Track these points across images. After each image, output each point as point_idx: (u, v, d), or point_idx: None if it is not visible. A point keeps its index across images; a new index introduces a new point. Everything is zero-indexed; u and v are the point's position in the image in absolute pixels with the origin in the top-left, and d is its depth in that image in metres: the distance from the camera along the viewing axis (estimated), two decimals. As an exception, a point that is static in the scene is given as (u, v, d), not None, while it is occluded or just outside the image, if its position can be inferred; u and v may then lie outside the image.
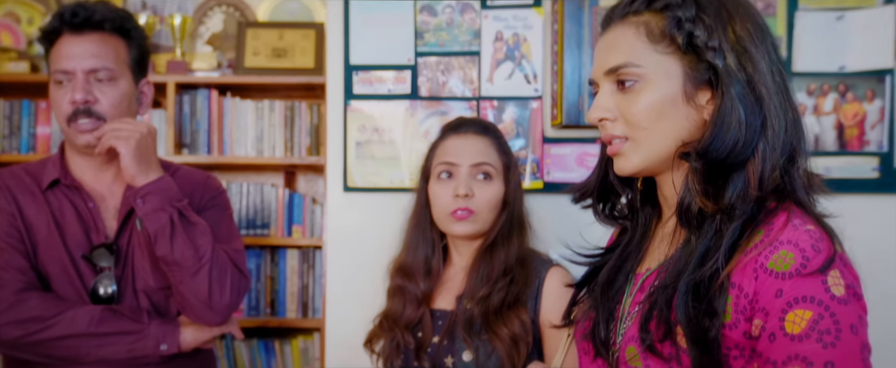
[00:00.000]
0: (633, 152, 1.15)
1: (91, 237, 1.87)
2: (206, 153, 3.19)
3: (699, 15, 1.11)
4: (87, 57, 1.81)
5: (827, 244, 1.04)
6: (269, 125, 3.21)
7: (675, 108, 1.12)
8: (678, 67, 1.12)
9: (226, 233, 1.95)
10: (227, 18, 3.43)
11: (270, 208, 3.23)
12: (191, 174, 2.03)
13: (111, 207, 1.91)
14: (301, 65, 3.21)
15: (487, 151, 1.84)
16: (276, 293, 3.21)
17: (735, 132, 1.07)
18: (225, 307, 1.85)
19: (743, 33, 1.11)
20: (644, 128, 1.13)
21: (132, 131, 1.77)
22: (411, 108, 2.34)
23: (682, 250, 1.12)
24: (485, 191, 1.81)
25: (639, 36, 1.14)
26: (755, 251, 1.05)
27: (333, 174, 2.36)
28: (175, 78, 3.16)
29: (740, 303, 1.04)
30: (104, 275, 1.85)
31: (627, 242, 1.27)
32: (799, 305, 1.00)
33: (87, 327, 1.77)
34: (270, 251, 3.23)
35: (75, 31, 1.82)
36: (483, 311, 1.75)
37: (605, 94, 1.17)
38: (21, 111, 3.25)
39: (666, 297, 1.09)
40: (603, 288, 1.24)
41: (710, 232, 1.09)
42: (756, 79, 1.09)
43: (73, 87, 1.80)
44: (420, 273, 1.87)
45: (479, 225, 1.82)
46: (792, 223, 1.05)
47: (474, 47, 2.35)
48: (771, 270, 1.02)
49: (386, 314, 1.89)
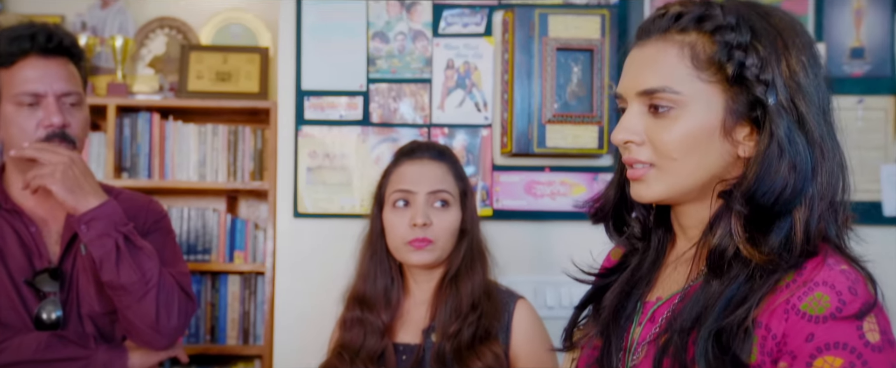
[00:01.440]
0: (656, 181, 1.07)
1: (34, 262, 1.82)
2: (147, 177, 3.13)
3: (753, 43, 1.01)
4: (58, 80, 1.78)
5: (863, 286, 0.98)
6: (212, 149, 3.18)
7: (710, 141, 1.03)
8: (721, 97, 1.03)
9: (171, 256, 1.93)
10: (169, 41, 3.39)
11: (212, 234, 3.19)
12: (133, 198, 2.00)
13: (54, 231, 1.87)
14: (245, 89, 3.18)
15: (444, 177, 1.80)
16: (217, 319, 3.17)
17: (783, 177, 0.99)
18: (172, 331, 1.82)
19: (797, 67, 1.01)
20: (673, 159, 1.04)
21: (55, 165, 1.72)
22: (363, 134, 2.35)
23: (703, 291, 1.03)
24: (443, 219, 1.77)
25: (682, 58, 1.04)
26: (788, 290, 0.98)
27: (284, 200, 2.35)
28: (115, 101, 3.10)
29: (767, 345, 0.97)
30: (48, 301, 1.80)
31: (637, 266, 1.18)
32: (830, 351, 0.93)
33: (33, 354, 1.72)
34: (211, 277, 3.18)
35: (44, 55, 1.78)
36: (455, 347, 1.71)
37: (634, 114, 1.07)
38: (-50, 132, 3.15)
39: (683, 341, 1.01)
40: (611, 315, 1.15)
41: (740, 278, 1.00)
42: (809, 119, 1.00)
43: (46, 110, 1.76)
44: (380, 304, 1.80)
45: (438, 254, 1.77)
46: (827, 263, 0.99)
47: (426, 75, 2.38)
48: (804, 312, 0.96)
49: (343, 346, 1.81)
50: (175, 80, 3.29)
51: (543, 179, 2.37)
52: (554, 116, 2.28)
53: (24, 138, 1.77)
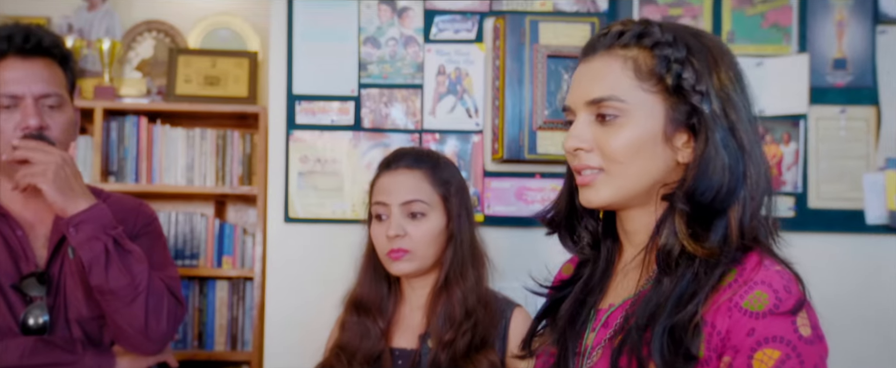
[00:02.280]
0: (604, 185, 1.14)
1: (20, 266, 1.79)
2: (134, 181, 3.12)
3: (688, 57, 1.11)
4: (38, 82, 1.75)
5: (796, 285, 1.07)
6: (200, 154, 3.16)
7: (653, 146, 1.12)
8: (661, 106, 1.12)
9: (160, 260, 1.91)
10: (157, 44, 3.38)
11: (200, 239, 3.17)
12: (122, 201, 1.98)
13: (41, 235, 1.84)
14: (234, 93, 3.17)
15: (418, 186, 1.79)
16: (205, 325, 3.15)
17: (719, 177, 1.08)
18: (162, 336, 1.80)
19: (727, 81, 1.12)
20: (620, 162, 1.12)
21: (47, 164, 1.70)
22: (354, 139, 2.35)
23: (655, 290, 1.11)
24: (418, 228, 1.77)
25: (626, 70, 1.13)
26: (730, 290, 1.06)
27: (274, 204, 2.34)
28: (103, 104, 3.09)
29: (713, 341, 1.05)
30: (35, 305, 1.78)
31: (589, 276, 1.25)
32: (769, 344, 1.02)
33: (19, 359, 1.69)
34: (199, 282, 3.16)
35: (23, 56, 1.76)
36: (450, 356, 1.71)
37: (583, 123, 1.15)
38: (-66, 134, 3.12)
39: (638, 335, 1.08)
40: (567, 323, 1.22)
41: (687, 276, 1.09)
42: (739, 127, 1.10)
43: (23, 112, 1.73)
44: (376, 309, 1.82)
45: (418, 263, 1.77)
46: (764, 264, 1.07)
47: (417, 80, 2.37)
48: (745, 309, 1.04)
49: (341, 347, 1.83)
50: (163, 83, 3.28)
51: (534, 185, 2.37)
52: (545, 122, 2.29)
53: (2, 141, 1.74)
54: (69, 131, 1.82)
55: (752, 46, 2.42)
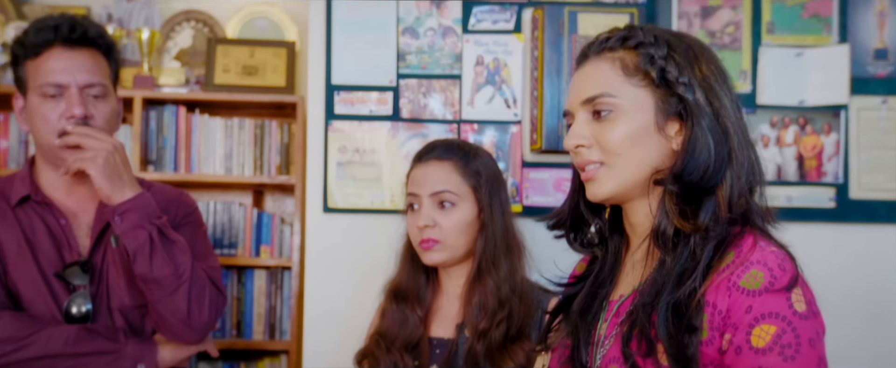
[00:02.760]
0: (606, 178, 1.22)
1: (64, 255, 1.82)
2: (173, 170, 3.13)
3: (670, 54, 1.21)
4: (83, 72, 1.78)
5: (790, 263, 1.13)
6: (239, 143, 3.18)
7: (647, 136, 1.20)
8: (650, 99, 1.21)
9: (202, 250, 1.93)
10: (195, 34, 3.39)
11: (238, 228, 3.18)
12: (164, 191, 2.00)
13: (84, 223, 1.87)
14: (272, 83, 3.18)
15: (447, 177, 1.81)
16: (243, 314, 3.16)
17: (705, 159, 1.16)
18: (204, 325, 1.82)
19: (708, 73, 1.21)
20: (618, 154, 1.20)
21: (98, 151, 1.72)
22: (393, 129, 2.34)
23: (658, 272, 1.19)
24: (447, 218, 1.79)
25: (614, 69, 1.22)
26: (728, 270, 1.13)
27: (313, 195, 2.34)
28: (142, 93, 3.11)
29: (715, 320, 1.12)
30: (78, 294, 1.80)
31: (599, 270, 1.33)
32: (765, 320, 1.09)
33: (62, 347, 1.72)
34: (237, 272, 3.18)
35: (69, 46, 1.78)
36: (486, 346, 1.73)
37: (581, 122, 1.24)
38: (-25, 124, 3.17)
39: (647, 315, 1.15)
40: (579, 315, 1.29)
41: (685, 254, 1.16)
42: (722, 113, 1.18)
43: (68, 101, 1.76)
44: (415, 298, 1.85)
45: (448, 253, 1.80)
46: (759, 245, 1.14)
47: (455, 71, 2.36)
48: (743, 288, 1.11)
49: (381, 334, 1.85)
50: (201, 73, 3.30)
51: (573, 176, 2.36)
52: (584, 113, 2.27)
53: (48, 129, 1.77)
54: (112, 121, 1.85)
55: (792, 36, 2.40)
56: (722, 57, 2.34)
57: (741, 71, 2.37)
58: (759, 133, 2.36)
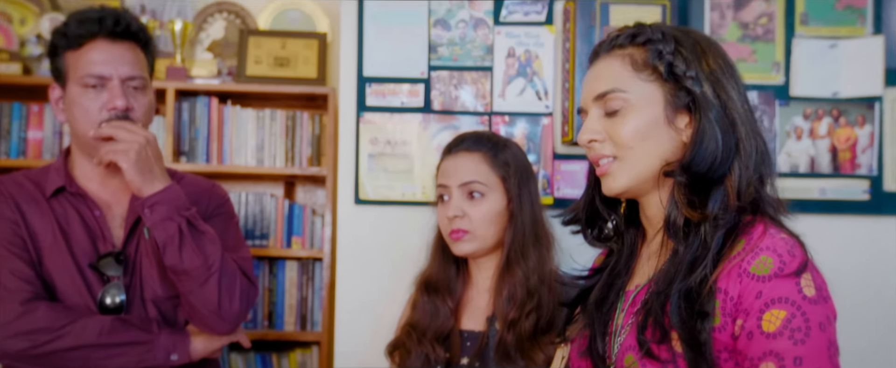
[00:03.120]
0: (620, 172, 1.25)
1: (98, 246, 1.84)
2: (205, 162, 3.15)
3: (677, 49, 1.24)
4: (125, 64, 1.80)
5: (800, 250, 1.15)
6: (270, 135, 3.19)
7: (657, 130, 1.23)
8: (660, 93, 1.24)
9: (233, 241, 1.94)
10: (227, 25, 3.40)
11: (270, 219, 3.20)
12: (196, 182, 2.01)
13: (117, 215, 1.88)
14: (303, 74, 3.18)
15: (476, 168, 1.82)
16: (274, 305, 3.18)
17: (712, 150, 1.19)
18: (235, 316, 1.83)
19: (715, 66, 1.23)
20: (630, 148, 1.24)
21: (130, 143, 1.74)
22: (424, 121, 2.33)
23: (671, 261, 1.21)
24: (477, 209, 1.80)
25: (624, 66, 1.26)
26: (738, 257, 1.15)
27: (344, 186, 2.34)
28: (174, 84, 3.12)
29: (727, 306, 1.14)
30: (112, 285, 1.82)
31: (615, 262, 1.35)
32: (775, 305, 1.11)
33: (97, 337, 1.73)
34: (269, 263, 3.19)
35: (111, 38, 1.80)
36: (516, 337, 1.73)
37: (594, 118, 1.27)
38: (11, 114, 3.20)
39: (660, 303, 1.18)
40: (596, 306, 1.32)
41: (696, 243, 1.19)
42: (729, 106, 1.21)
43: (110, 93, 1.78)
44: (446, 289, 1.86)
45: (478, 243, 1.81)
46: (769, 233, 1.16)
47: (487, 63, 2.35)
48: (753, 274, 1.13)
49: (412, 325, 1.87)
50: (233, 64, 3.31)
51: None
52: (616, 105, 2.25)
53: (88, 120, 1.78)
54: (149, 114, 1.87)
55: (826, 28, 2.36)
56: (755, 49, 2.35)
57: (774, 63, 2.34)
58: (792, 125, 2.33)
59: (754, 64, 2.34)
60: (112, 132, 1.75)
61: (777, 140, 2.34)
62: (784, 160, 2.34)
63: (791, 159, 2.34)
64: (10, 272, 1.75)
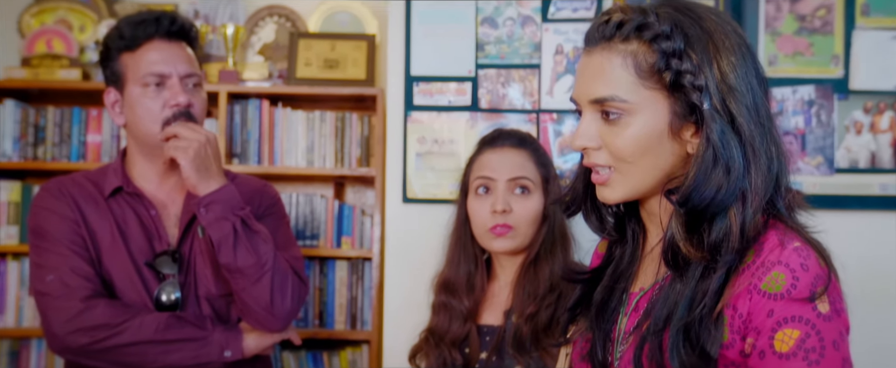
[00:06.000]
0: (617, 184, 1.15)
1: (154, 245, 1.87)
2: (257, 163, 3.19)
3: (687, 50, 1.09)
4: (182, 62, 1.85)
5: (814, 260, 1.06)
6: (320, 136, 3.21)
7: (660, 143, 1.12)
8: (665, 103, 1.11)
9: (284, 240, 1.96)
10: (278, 29, 3.44)
11: (320, 219, 3.22)
12: (248, 182, 2.04)
13: (173, 214, 1.92)
14: (352, 76, 3.20)
15: (524, 164, 1.82)
16: (325, 304, 3.20)
17: (718, 181, 1.07)
18: (286, 314, 1.85)
19: (728, 69, 1.10)
20: (629, 162, 1.13)
21: (191, 141, 1.77)
22: (471, 119, 2.34)
23: (670, 289, 1.13)
24: (523, 206, 1.80)
25: (626, 68, 1.11)
26: (748, 271, 1.08)
27: (392, 185, 2.36)
28: (227, 87, 3.16)
29: (735, 323, 1.07)
30: (168, 282, 1.86)
31: (618, 261, 1.27)
32: (788, 324, 1.04)
33: (153, 334, 1.77)
34: (319, 262, 3.21)
35: (167, 38, 1.84)
36: (532, 329, 1.73)
37: (589, 121, 1.15)
38: (72, 119, 3.27)
39: (657, 340, 1.10)
40: (598, 309, 1.25)
41: (697, 276, 1.10)
42: (740, 121, 1.09)
43: (172, 90, 1.83)
44: (463, 290, 1.86)
45: (519, 240, 1.80)
46: (781, 243, 1.08)
47: (535, 60, 2.35)
48: (764, 291, 1.06)
49: (431, 330, 1.88)
50: (284, 67, 3.34)
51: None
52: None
53: (150, 118, 1.82)
54: (205, 110, 1.92)
55: (888, 18, 2.32)
56: (812, 42, 2.30)
57: (833, 56, 2.30)
58: (851, 119, 2.29)
59: (811, 57, 2.30)
60: (176, 130, 1.79)
61: (835, 135, 2.29)
62: (843, 155, 2.30)
63: (850, 154, 2.30)
64: (71, 269, 1.79)
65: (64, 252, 1.80)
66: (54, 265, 1.80)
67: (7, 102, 3.23)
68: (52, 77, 3.22)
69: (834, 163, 2.30)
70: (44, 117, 3.25)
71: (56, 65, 3.24)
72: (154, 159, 1.88)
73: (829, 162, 2.30)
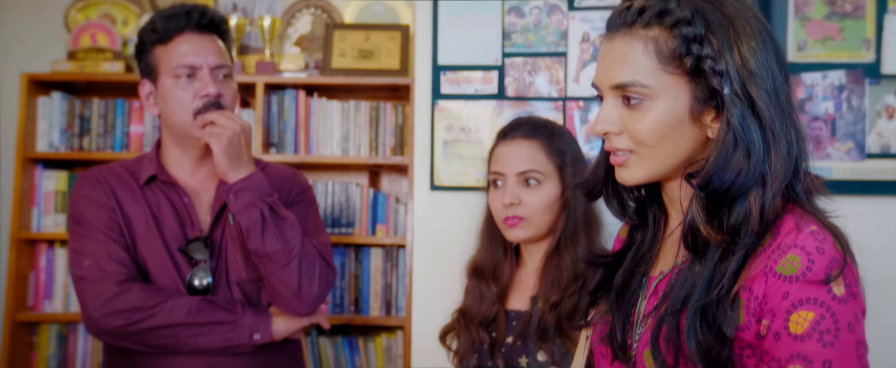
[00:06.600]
0: (637, 167, 1.17)
1: (186, 231, 1.93)
2: (293, 152, 3.25)
3: (708, 35, 1.11)
4: (212, 54, 1.90)
5: (830, 244, 1.07)
6: (355, 125, 3.26)
7: (680, 128, 1.13)
8: (686, 88, 1.12)
9: (313, 227, 2.00)
10: (314, 20, 3.49)
11: (355, 207, 3.27)
12: (279, 170, 2.09)
13: (205, 202, 1.97)
14: (386, 66, 3.24)
15: (533, 156, 1.83)
16: (360, 291, 3.25)
17: (738, 165, 1.09)
18: (314, 298, 1.90)
19: (748, 54, 1.11)
20: (649, 146, 1.14)
21: (225, 129, 1.83)
22: (498, 108, 2.36)
23: (689, 271, 1.14)
24: (533, 197, 1.81)
25: (647, 53, 1.13)
26: (765, 254, 1.09)
27: (420, 173, 2.39)
28: (264, 78, 3.23)
29: (751, 306, 1.09)
30: (200, 267, 1.91)
31: (639, 245, 1.29)
32: (803, 306, 1.05)
33: (185, 317, 1.82)
34: (355, 250, 3.27)
35: (198, 31, 1.90)
36: (556, 317, 1.75)
37: (610, 107, 1.16)
38: (115, 110, 3.36)
39: (675, 321, 1.12)
40: (618, 292, 1.26)
41: (715, 257, 1.12)
42: (760, 105, 1.10)
43: (202, 81, 1.88)
44: (490, 275, 1.90)
45: (533, 230, 1.82)
46: (797, 226, 1.09)
47: (561, 48, 2.36)
48: (780, 274, 1.07)
49: (462, 311, 1.93)
50: (320, 58, 3.39)
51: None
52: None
53: (182, 108, 1.88)
54: (235, 101, 1.96)
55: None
56: (842, 26, 2.28)
57: (864, 40, 2.27)
58: (883, 104, 2.26)
59: (842, 42, 2.27)
60: (213, 117, 1.85)
61: (867, 120, 2.27)
62: (874, 141, 2.27)
63: (882, 139, 2.27)
64: (107, 254, 1.86)
65: (100, 238, 1.87)
66: (91, 250, 1.86)
67: (54, 95, 3.34)
68: (96, 70, 3.31)
69: (865, 148, 2.27)
70: (89, 109, 3.35)
71: (100, 58, 3.34)
72: (187, 148, 1.94)
73: (859, 147, 2.28)
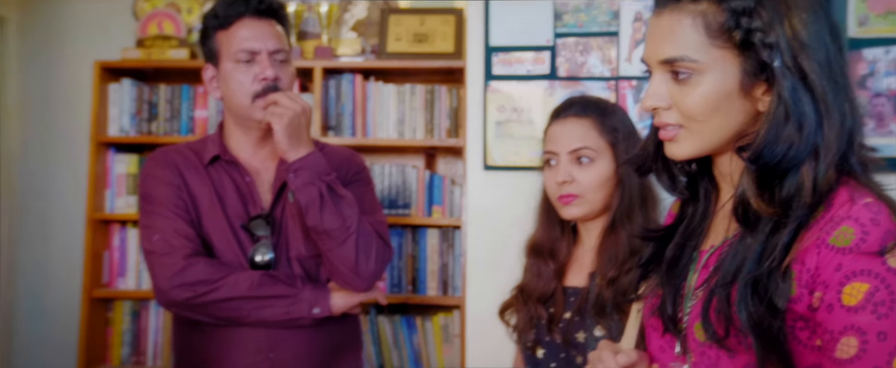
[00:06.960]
0: (686, 141, 1.16)
1: (249, 209, 2.00)
2: (351, 135, 3.31)
3: (757, 8, 1.10)
4: (270, 39, 1.97)
5: (886, 216, 1.06)
6: (410, 108, 3.31)
7: (730, 102, 1.12)
8: (735, 61, 1.11)
9: (369, 206, 2.06)
10: (370, 5, 3.55)
11: (411, 189, 3.33)
12: (337, 151, 2.15)
13: (266, 180, 2.04)
14: (441, 49, 3.28)
15: (585, 133, 1.84)
16: (418, 271, 3.31)
17: (789, 138, 1.08)
18: (370, 275, 1.96)
19: (799, 26, 1.09)
20: (698, 120, 1.14)
21: (286, 109, 1.89)
22: (550, 88, 2.38)
23: (740, 244, 1.13)
24: (586, 174, 1.82)
25: (696, 28, 1.12)
26: (817, 226, 1.08)
27: (473, 154, 2.42)
28: (322, 63, 3.29)
29: (803, 278, 1.07)
30: (261, 243, 1.98)
31: (690, 219, 1.28)
32: (857, 278, 1.03)
33: (248, 290, 1.90)
34: (411, 231, 3.32)
35: (257, 16, 1.97)
36: (613, 293, 1.77)
37: (659, 82, 1.16)
38: (181, 96, 3.47)
39: (725, 293, 1.11)
40: (668, 266, 1.27)
41: (767, 230, 1.10)
42: (812, 77, 1.08)
43: (261, 65, 1.95)
44: (548, 253, 1.92)
45: (587, 207, 1.84)
46: (851, 198, 1.07)
47: (613, 28, 2.37)
48: (832, 245, 1.05)
49: (521, 288, 1.95)
50: (376, 42, 3.45)
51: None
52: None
53: (242, 92, 1.96)
54: (292, 84, 2.03)
55: None
56: (901, 5, 2.23)
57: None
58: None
59: (901, 16, 2.25)
60: (276, 98, 1.92)
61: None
62: (935, 118, 2.24)
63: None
64: (175, 230, 1.94)
65: (168, 215, 1.96)
66: (160, 226, 1.95)
67: (124, 81, 3.47)
68: (163, 57, 3.42)
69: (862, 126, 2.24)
70: (156, 95, 3.47)
71: (166, 45, 3.44)
72: (248, 129, 2.01)
73: (919, 124, 2.25)
